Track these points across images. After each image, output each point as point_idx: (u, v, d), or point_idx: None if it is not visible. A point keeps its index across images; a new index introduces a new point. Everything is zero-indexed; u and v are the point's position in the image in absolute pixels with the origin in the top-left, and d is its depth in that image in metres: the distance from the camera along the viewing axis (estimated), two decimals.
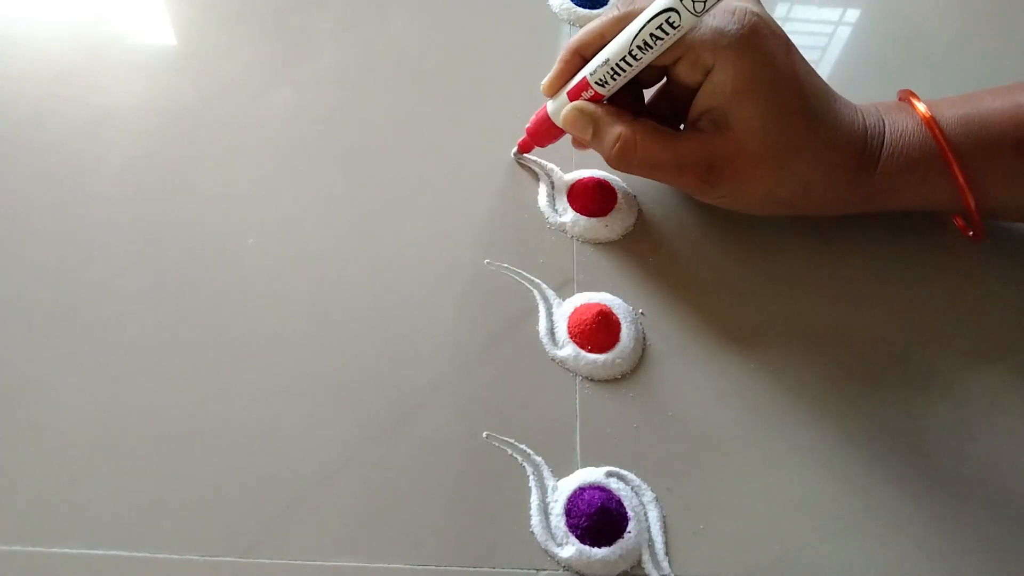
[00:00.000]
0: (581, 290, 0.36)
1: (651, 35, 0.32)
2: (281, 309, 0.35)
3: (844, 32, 0.49)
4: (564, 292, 0.36)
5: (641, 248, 0.38)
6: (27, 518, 0.29)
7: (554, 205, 0.39)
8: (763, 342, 0.35)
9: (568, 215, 0.38)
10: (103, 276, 0.36)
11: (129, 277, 0.35)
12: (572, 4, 0.48)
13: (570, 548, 0.29)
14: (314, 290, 0.35)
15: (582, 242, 0.38)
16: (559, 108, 0.36)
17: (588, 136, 0.35)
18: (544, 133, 0.38)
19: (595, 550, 0.29)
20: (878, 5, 0.50)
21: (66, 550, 0.28)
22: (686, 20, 0.31)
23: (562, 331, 0.34)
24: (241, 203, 0.38)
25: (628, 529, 0.29)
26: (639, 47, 0.32)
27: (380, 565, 0.29)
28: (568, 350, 0.34)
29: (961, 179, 0.33)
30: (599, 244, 0.38)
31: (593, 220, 0.38)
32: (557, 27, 0.48)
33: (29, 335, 0.34)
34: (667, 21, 0.31)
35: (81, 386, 0.32)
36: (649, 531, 0.30)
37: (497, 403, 0.32)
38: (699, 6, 0.30)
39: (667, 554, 0.29)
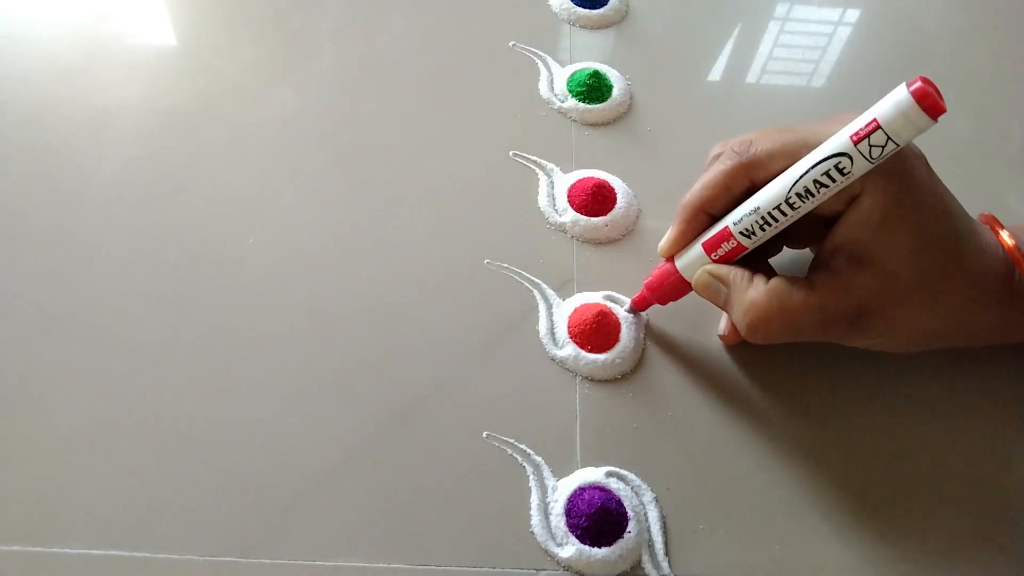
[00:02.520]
0: (581, 290, 0.36)
1: (815, 182, 0.28)
2: (281, 309, 0.35)
3: (844, 32, 0.49)
4: (564, 292, 0.36)
5: (641, 248, 0.38)
6: (27, 518, 0.29)
7: (554, 205, 0.39)
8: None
9: (568, 215, 0.38)
10: (103, 276, 0.36)
11: (129, 277, 0.36)
12: (572, 4, 0.48)
13: (570, 548, 0.29)
14: (314, 290, 0.35)
15: (582, 242, 0.38)
16: (692, 264, 0.32)
17: (720, 302, 0.31)
18: (670, 289, 0.33)
19: (595, 550, 0.29)
20: (878, 5, 0.50)
21: (66, 550, 0.28)
22: (858, 167, 0.27)
23: (562, 331, 0.34)
24: (241, 203, 0.38)
25: (628, 529, 0.29)
26: (799, 195, 0.28)
27: (380, 565, 0.29)
28: (568, 350, 0.34)
29: None
30: (599, 244, 0.38)
31: (593, 220, 0.38)
32: (557, 27, 0.48)
33: (29, 335, 0.34)
34: (836, 167, 0.27)
35: (81, 386, 0.32)
36: (649, 531, 0.30)
37: (497, 403, 0.32)
38: (876, 152, 0.27)
39: (667, 554, 0.29)
